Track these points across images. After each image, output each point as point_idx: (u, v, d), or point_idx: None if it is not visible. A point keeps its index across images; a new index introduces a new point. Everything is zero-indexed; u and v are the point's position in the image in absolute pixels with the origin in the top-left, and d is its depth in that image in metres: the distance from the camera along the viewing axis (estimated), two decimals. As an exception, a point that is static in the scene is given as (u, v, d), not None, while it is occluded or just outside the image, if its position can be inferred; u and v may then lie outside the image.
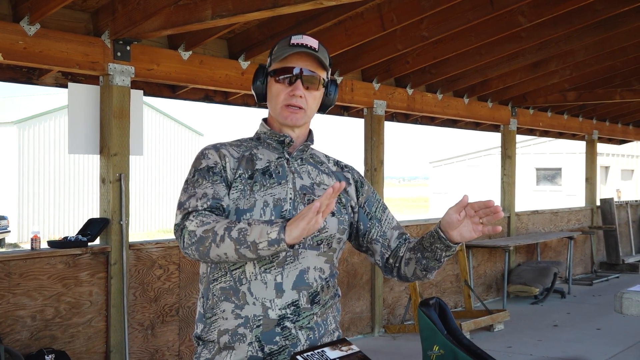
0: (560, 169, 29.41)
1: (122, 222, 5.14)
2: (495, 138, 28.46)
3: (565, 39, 7.20)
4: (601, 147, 22.04)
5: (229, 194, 2.02)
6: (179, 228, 1.96)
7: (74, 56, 4.86)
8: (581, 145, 13.43)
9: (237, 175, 2.05)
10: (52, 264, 4.84)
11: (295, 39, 2.07)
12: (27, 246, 17.04)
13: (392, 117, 8.91)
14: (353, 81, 7.09)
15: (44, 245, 5.13)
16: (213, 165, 2.06)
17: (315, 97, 2.11)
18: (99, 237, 5.15)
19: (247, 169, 2.08)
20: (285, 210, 2.03)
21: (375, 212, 2.19)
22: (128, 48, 5.12)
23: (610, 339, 7.11)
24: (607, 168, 30.09)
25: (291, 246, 1.81)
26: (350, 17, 5.79)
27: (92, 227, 5.12)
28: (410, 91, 7.80)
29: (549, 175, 29.89)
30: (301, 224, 1.76)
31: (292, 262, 2.01)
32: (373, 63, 6.83)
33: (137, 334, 5.33)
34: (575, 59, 7.96)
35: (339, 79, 6.86)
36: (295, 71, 2.06)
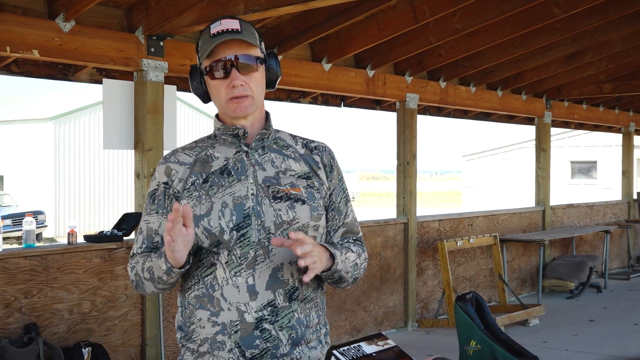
0: (595, 162, 29.01)
1: (156, 217, 5.17)
2: (529, 131, 28.15)
3: (601, 30, 7.08)
4: (638, 140, 21.68)
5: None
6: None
7: (108, 52, 4.91)
8: (617, 138, 13.23)
9: (188, 184, 1.98)
10: (88, 258, 4.90)
11: (214, 28, 1.95)
12: (63, 240, 17.28)
13: (425, 110, 8.86)
14: (385, 75, 7.06)
15: (80, 239, 5.20)
16: (155, 188, 2.04)
17: (256, 79, 1.98)
18: (134, 232, 5.20)
19: (201, 172, 1.99)
20: (248, 207, 1.94)
21: (338, 203, 2.08)
22: (161, 44, 5.15)
23: (648, 334, 7.01)
24: (643, 161, 29.60)
25: (183, 266, 1.89)
26: (382, 10, 5.76)
27: (128, 222, 5.17)
28: (443, 84, 7.74)
29: (584, 169, 29.51)
30: (167, 253, 1.83)
31: (262, 262, 1.92)
32: (405, 56, 6.79)
33: (172, 327, 5.37)
34: (611, 50, 7.83)
35: (371, 73, 6.83)
36: (226, 59, 1.94)
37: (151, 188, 2.05)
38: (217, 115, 2.07)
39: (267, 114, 2.08)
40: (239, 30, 1.95)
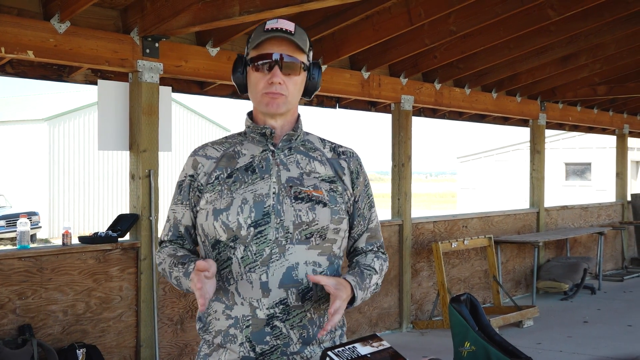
0: (589, 164, 29.08)
1: (151, 218, 5.18)
2: (524, 133, 28.18)
3: (596, 32, 7.11)
4: (632, 142, 21.74)
5: (205, 199, 2.03)
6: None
7: (103, 53, 4.90)
8: (611, 140, 13.29)
9: (212, 178, 2.03)
10: (83, 259, 4.89)
11: (270, 24, 2.00)
12: (58, 242, 17.24)
13: (420, 112, 8.87)
14: (380, 76, 7.07)
15: (74, 240, 5.19)
16: (183, 179, 2.10)
17: (295, 82, 2.02)
18: (128, 233, 5.19)
19: (226, 167, 2.04)
20: (268, 205, 1.97)
21: (363, 209, 2.13)
22: (157, 45, 5.15)
23: (642, 336, 7.03)
24: (638, 163, 29.69)
25: None
26: (377, 12, 5.77)
27: (122, 223, 5.17)
28: (438, 86, 7.76)
29: (579, 170, 29.56)
30: (196, 293, 1.88)
31: (277, 260, 1.94)
32: (400, 58, 6.80)
33: (167, 328, 5.37)
34: (605, 52, 7.86)
35: (366, 74, 6.84)
36: (273, 57, 1.98)
37: (179, 179, 2.12)
38: (249, 113, 2.12)
39: (298, 117, 2.12)
40: (292, 32, 2.00)
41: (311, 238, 1.98)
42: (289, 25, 2.00)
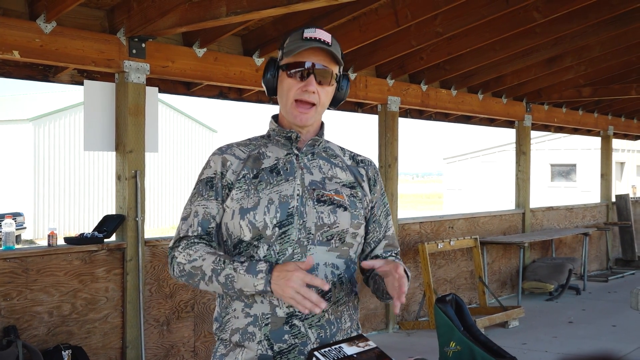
0: (575, 165, 29.25)
1: (137, 219, 5.16)
2: (509, 134, 28.32)
3: (581, 34, 7.15)
4: (616, 143, 21.89)
5: (231, 197, 2.04)
6: (170, 254, 2.06)
7: (89, 53, 4.89)
8: (596, 141, 13.38)
9: (240, 177, 2.06)
10: (68, 260, 4.87)
11: (308, 33, 2.03)
12: (43, 242, 17.14)
13: (406, 113, 8.89)
14: (367, 77, 7.08)
15: (60, 241, 5.17)
16: (212, 175, 2.09)
17: (327, 92, 2.07)
18: (114, 234, 5.17)
19: (252, 168, 2.07)
20: (292, 207, 2.01)
21: (379, 216, 2.18)
22: (143, 45, 5.14)
23: (626, 336, 7.08)
24: (622, 164, 29.90)
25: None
26: (364, 14, 5.78)
27: (108, 224, 5.15)
28: (424, 87, 7.78)
29: (564, 172, 29.73)
30: (287, 294, 1.85)
31: (299, 260, 1.98)
32: (387, 59, 6.82)
33: (153, 329, 5.36)
34: (590, 54, 7.92)
35: (352, 75, 6.86)
36: (308, 65, 2.02)
37: (207, 175, 2.10)
38: (274, 117, 2.15)
39: (322, 124, 2.16)
40: (330, 43, 2.03)
41: (331, 240, 2.02)
42: (326, 37, 2.04)
